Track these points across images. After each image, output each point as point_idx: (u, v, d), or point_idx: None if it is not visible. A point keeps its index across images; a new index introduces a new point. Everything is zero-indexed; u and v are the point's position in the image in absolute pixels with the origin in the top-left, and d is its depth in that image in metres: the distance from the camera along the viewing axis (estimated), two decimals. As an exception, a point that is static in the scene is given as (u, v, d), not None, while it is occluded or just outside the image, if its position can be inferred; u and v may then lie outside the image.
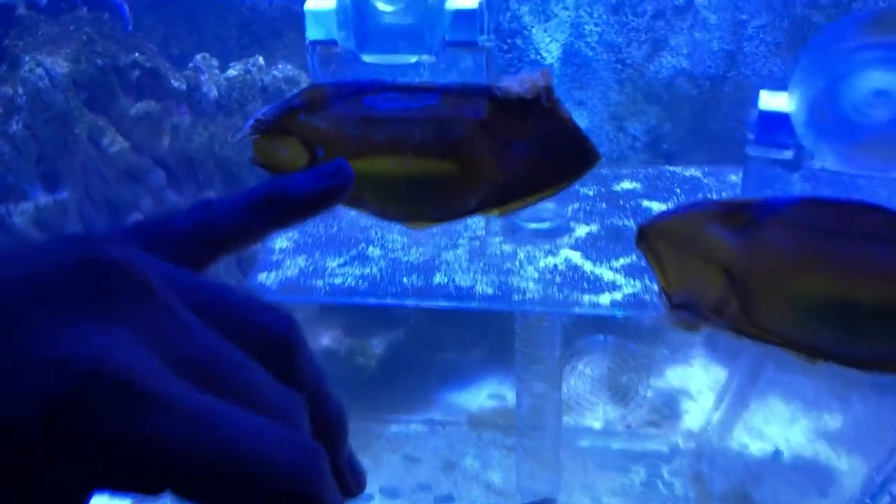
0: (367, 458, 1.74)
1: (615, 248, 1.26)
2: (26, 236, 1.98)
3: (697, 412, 1.85)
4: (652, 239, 0.54)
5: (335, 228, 1.37)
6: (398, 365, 1.83)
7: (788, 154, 0.59)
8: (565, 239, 1.29)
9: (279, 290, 1.23)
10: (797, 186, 0.58)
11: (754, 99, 1.99)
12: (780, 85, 1.94)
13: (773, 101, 0.54)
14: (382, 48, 0.60)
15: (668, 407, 1.85)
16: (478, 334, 1.93)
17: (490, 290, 1.19)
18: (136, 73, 1.83)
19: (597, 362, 1.72)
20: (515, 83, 0.51)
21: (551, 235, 1.29)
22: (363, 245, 1.32)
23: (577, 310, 1.12)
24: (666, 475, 1.68)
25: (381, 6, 0.57)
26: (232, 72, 1.91)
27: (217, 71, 1.94)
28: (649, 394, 1.77)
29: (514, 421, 1.79)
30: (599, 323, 1.82)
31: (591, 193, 1.39)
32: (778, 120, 0.55)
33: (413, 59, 0.58)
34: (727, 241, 0.53)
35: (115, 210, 2.07)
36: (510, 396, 1.90)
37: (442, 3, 0.55)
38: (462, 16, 0.57)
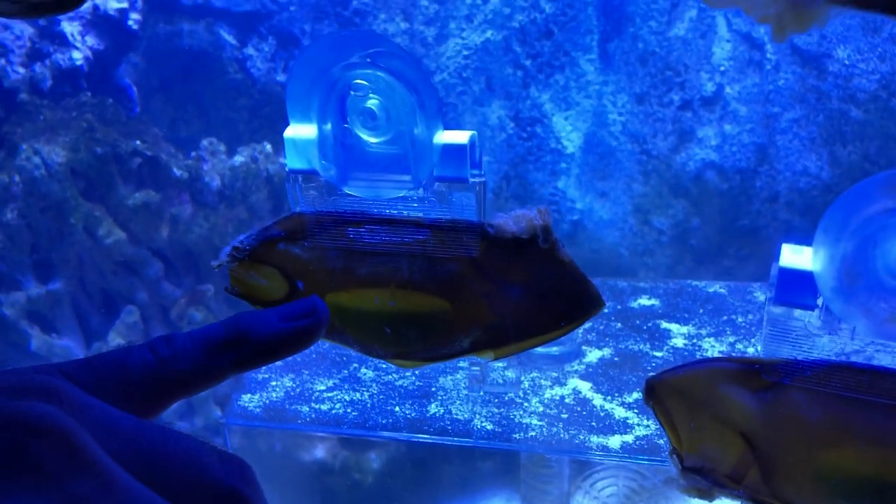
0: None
1: (629, 378, 1.14)
2: (16, 328, 1.90)
3: None
4: (662, 395, 0.48)
5: (326, 344, 1.27)
6: (398, 480, 1.71)
7: (813, 316, 0.49)
8: (575, 365, 1.18)
9: (263, 416, 1.12)
10: (824, 348, 0.48)
11: (788, 195, 1.87)
12: (815, 182, 1.83)
13: (795, 258, 0.43)
14: (367, 181, 0.52)
15: None
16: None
17: (489, 426, 1.07)
18: (137, 161, 1.76)
19: (609, 486, 1.58)
20: (511, 221, 0.47)
21: (560, 360, 1.17)
22: (355, 365, 1.22)
23: (583, 456, 1.00)
24: None
25: (366, 137, 0.49)
26: (238, 158, 1.84)
27: (224, 156, 1.87)
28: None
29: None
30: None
31: (605, 310, 1.28)
32: (801, 279, 0.45)
33: (400, 193, 0.50)
34: (746, 405, 0.47)
35: (110, 301, 1.98)
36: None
37: (430, 136, 0.47)
38: (451, 151, 0.48)
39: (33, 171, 1.68)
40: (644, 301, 1.32)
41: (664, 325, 1.22)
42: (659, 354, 1.16)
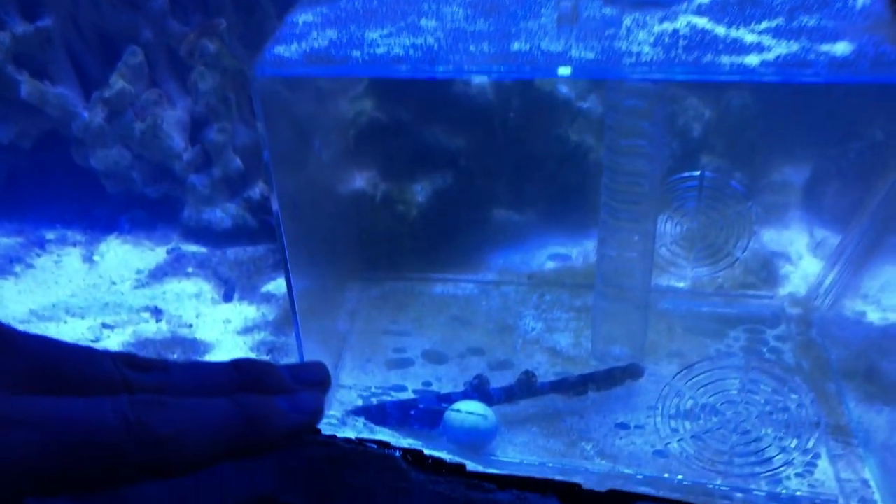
0: (408, 320, 1.46)
1: (753, 12, 0.94)
2: (2, 73, 1.68)
3: (799, 277, 1.55)
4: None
5: (375, 1, 1.06)
6: (444, 216, 1.54)
7: None
8: (683, 6, 0.97)
9: (304, 61, 0.92)
10: None
11: None
12: None
13: None
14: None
15: (766, 270, 1.55)
16: (537, 190, 1.63)
17: (591, 55, 0.87)
18: None
19: (689, 208, 1.41)
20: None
21: (664, 2, 0.97)
22: (413, 17, 1.01)
23: (714, 77, 0.81)
24: (771, 341, 1.39)
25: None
26: None
27: None
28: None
29: (586, 280, 1.50)
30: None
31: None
32: None
33: None
34: None
35: (108, 42, 1.75)
36: (575, 256, 1.61)
37: None
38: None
39: None
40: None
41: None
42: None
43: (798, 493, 1.09)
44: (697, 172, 1.37)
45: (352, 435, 0.76)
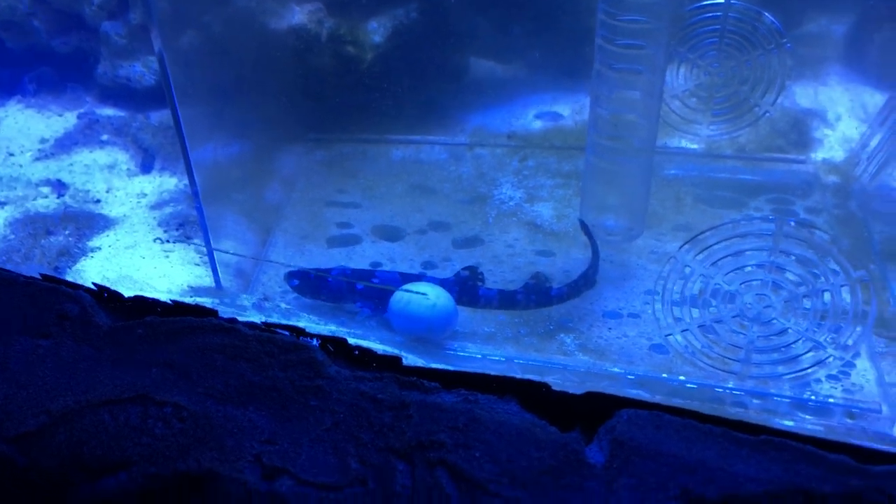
0: (358, 189, 1.20)
1: None
2: None
3: (837, 141, 1.28)
4: None
5: None
6: (405, 62, 1.25)
7: None
8: None
9: None
10: None
11: None
12: None
13: None
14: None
15: (797, 131, 1.28)
16: (526, 31, 1.33)
17: None
18: None
19: (708, 48, 1.13)
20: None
21: None
22: None
23: None
24: (802, 213, 1.13)
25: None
26: None
27: None
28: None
29: (578, 141, 1.23)
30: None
31: None
32: None
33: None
34: None
35: None
36: (568, 114, 1.34)
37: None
38: None
39: None
40: None
41: None
42: None
43: (831, 400, 0.86)
44: (721, 1, 1.09)
45: (258, 320, 0.54)
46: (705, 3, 1.08)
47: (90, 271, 1.06)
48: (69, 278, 1.01)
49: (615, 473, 0.38)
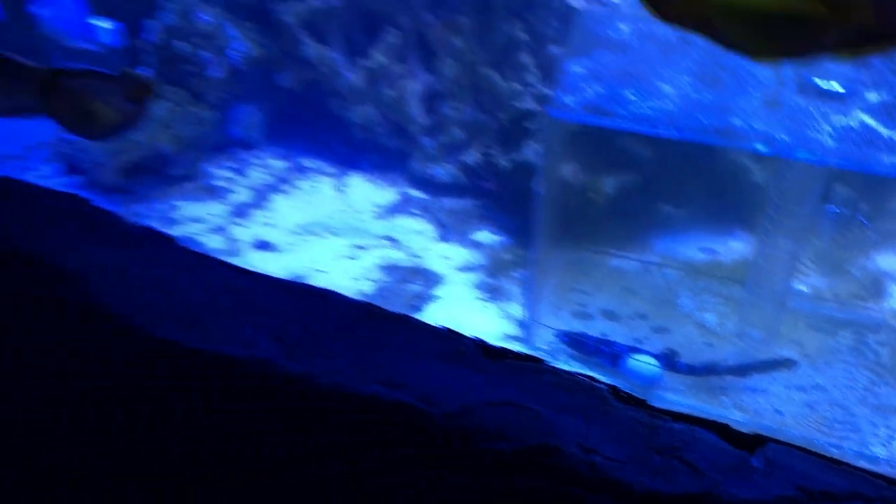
0: (589, 285, 1.90)
1: (909, 117, 1.32)
2: (293, 35, 2.16)
3: (902, 295, 1.93)
4: None
5: (625, 61, 1.47)
6: (624, 206, 1.96)
7: None
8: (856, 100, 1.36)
9: (582, 111, 1.35)
10: None
11: None
12: None
13: None
14: None
15: (875, 286, 1.93)
16: (694, 189, 2.03)
17: (787, 138, 1.28)
18: None
19: (821, 230, 1.80)
20: None
21: (842, 98, 1.35)
22: (656, 81, 1.42)
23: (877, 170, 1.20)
24: (872, 344, 1.78)
25: None
26: None
27: None
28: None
29: (730, 273, 1.91)
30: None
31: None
32: None
33: None
34: None
35: (373, 21, 2.22)
36: (721, 251, 2.02)
37: None
38: None
39: None
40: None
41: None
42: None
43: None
44: (837, 210, 1.76)
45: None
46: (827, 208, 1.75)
47: (436, 315, 1.78)
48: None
49: (767, 473, 0.57)
